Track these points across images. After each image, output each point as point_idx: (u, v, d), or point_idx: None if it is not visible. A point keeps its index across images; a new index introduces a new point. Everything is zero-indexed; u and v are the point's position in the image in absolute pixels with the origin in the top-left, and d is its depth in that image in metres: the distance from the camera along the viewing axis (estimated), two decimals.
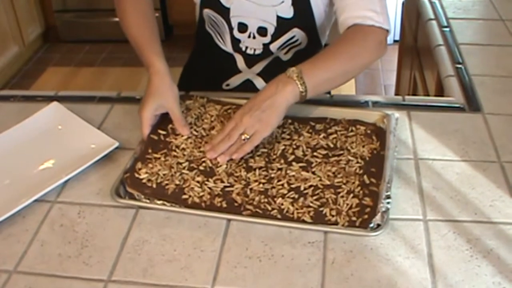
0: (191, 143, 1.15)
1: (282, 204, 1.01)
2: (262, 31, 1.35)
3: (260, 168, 1.09)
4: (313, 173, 1.07)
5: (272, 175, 1.07)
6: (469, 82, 1.38)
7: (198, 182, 1.06)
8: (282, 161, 1.10)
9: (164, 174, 1.08)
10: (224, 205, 1.02)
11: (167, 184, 1.06)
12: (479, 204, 1.02)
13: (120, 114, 1.30)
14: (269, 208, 1.01)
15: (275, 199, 1.02)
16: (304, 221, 0.98)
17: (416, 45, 2.03)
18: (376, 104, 1.31)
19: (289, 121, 1.20)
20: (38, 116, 1.25)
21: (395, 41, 3.87)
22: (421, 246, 0.94)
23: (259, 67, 1.42)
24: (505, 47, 1.54)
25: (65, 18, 4.05)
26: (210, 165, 1.10)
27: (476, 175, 1.09)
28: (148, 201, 1.04)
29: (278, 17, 1.33)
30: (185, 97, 1.27)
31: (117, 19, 1.32)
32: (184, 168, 1.10)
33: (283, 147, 1.14)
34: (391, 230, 0.97)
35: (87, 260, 0.94)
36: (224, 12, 1.35)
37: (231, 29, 1.37)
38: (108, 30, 3.92)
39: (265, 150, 1.13)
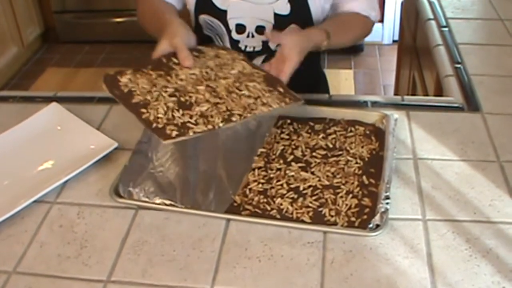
0: (192, 78, 1.10)
1: (281, 204, 1.01)
2: (260, 29, 1.35)
3: (259, 168, 1.09)
4: (312, 173, 1.07)
5: (271, 175, 1.07)
6: (468, 82, 1.38)
7: (167, 106, 1.02)
8: (281, 161, 1.10)
9: (142, 87, 1.05)
10: (173, 134, 0.97)
11: (137, 95, 1.03)
12: (478, 204, 1.02)
13: (119, 115, 1.30)
14: (268, 208, 1.01)
15: (274, 199, 1.02)
16: (303, 221, 0.98)
17: (415, 45, 2.03)
18: (375, 104, 1.31)
19: (288, 121, 1.20)
20: (37, 117, 1.25)
21: (394, 41, 3.88)
22: (420, 245, 0.94)
23: (257, 62, 1.42)
24: (504, 47, 1.55)
25: (64, 19, 4.05)
26: (193, 101, 1.04)
27: (475, 174, 1.09)
28: (147, 199, 1.04)
29: (275, 15, 1.33)
30: (221, 47, 1.25)
31: (116, 19, 1.34)
32: (166, 92, 1.05)
33: (282, 147, 1.14)
34: (390, 230, 0.97)
35: (86, 260, 0.94)
36: (221, 15, 1.35)
37: (229, 31, 1.37)
38: (107, 31, 3.92)
39: (264, 150, 1.13)
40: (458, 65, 1.45)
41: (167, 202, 1.04)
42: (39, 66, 3.90)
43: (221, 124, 1.00)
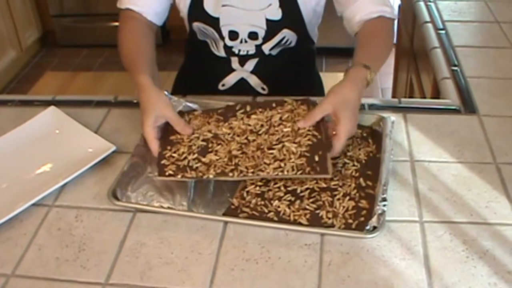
0: (240, 128, 1.14)
1: (278, 207, 1.01)
2: (253, 35, 1.36)
3: None
4: None
5: (269, 178, 1.07)
6: (464, 84, 1.38)
7: (190, 148, 1.11)
8: None
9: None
10: (167, 173, 1.06)
11: (178, 133, 1.14)
12: (475, 206, 1.02)
13: (117, 118, 1.30)
14: (266, 210, 1.01)
15: (272, 201, 1.02)
16: (300, 224, 0.99)
17: (412, 48, 2.04)
18: (372, 106, 1.31)
19: None
20: (35, 121, 1.26)
21: None
22: (417, 247, 0.94)
23: (250, 64, 1.43)
24: (500, 49, 1.55)
25: (62, 22, 4.06)
26: (215, 149, 1.10)
27: (472, 176, 1.09)
28: (144, 203, 1.04)
29: (267, 20, 1.34)
30: (306, 101, 1.19)
31: (114, 23, 1.34)
32: (204, 136, 1.13)
33: None
34: (387, 232, 0.97)
35: (84, 263, 0.95)
36: (214, 22, 1.36)
37: (222, 38, 1.38)
38: (105, 35, 3.92)
39: None
40: (455, 68, 1.46)
41: (165, 205, 1.04)
42: (38, 70, 3.91)
43: (211, 176, 1.05)
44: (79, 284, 0.91)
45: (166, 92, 1.22)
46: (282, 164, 1.04)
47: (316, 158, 1.04)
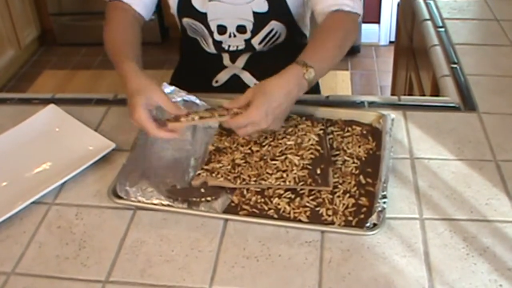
0: (244, 139, 1.15)
1: (278, 204, 1.01)
2: (241, 29, 1.36)
3: None
4: None
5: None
6: (464, 82, 1.39)
7: None
8: None
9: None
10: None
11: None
12: (475, 203, 1.02)
13: (116, 116, 1.30)
14: (266, 208, 1.01)
15: (272, 199, 1.02)
16: (300, 221, 0.99)
17: (411, 45, 2.04)
18: (372, 104, 1.31)
19: None
20: (35, 119, 1.25)
21: (390, 42, 3.89)
22: (417, 244, 0.95)
23: (241, 61, 1.43)
24: (500, 47, 1.55)
25: (61, 21, 4.05)
26: (218, 158, 1.11)
27: (471, 174, 1.09)
28: (144, 199, 1.04)
29: (254, 13, 1.34)
30: (310, 119, 1.19)
31: None
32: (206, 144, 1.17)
33: None
34: (387, 229, 0.97)
35: (85, 261, 0.95)
36: (202, 17, 1.36)
37: (211, 33, 1.38)
38: None
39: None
40: (455, 65, 1.46)
41: (165, 202, 1.04)
42: (36, 69, 3.90)
43: (216, 182, 1.07)
44: (79, 281, 0.91)
45: (165, 84, 1.21)
46: (285, 175, 1.05)
47: (318, 171, 1.05)
